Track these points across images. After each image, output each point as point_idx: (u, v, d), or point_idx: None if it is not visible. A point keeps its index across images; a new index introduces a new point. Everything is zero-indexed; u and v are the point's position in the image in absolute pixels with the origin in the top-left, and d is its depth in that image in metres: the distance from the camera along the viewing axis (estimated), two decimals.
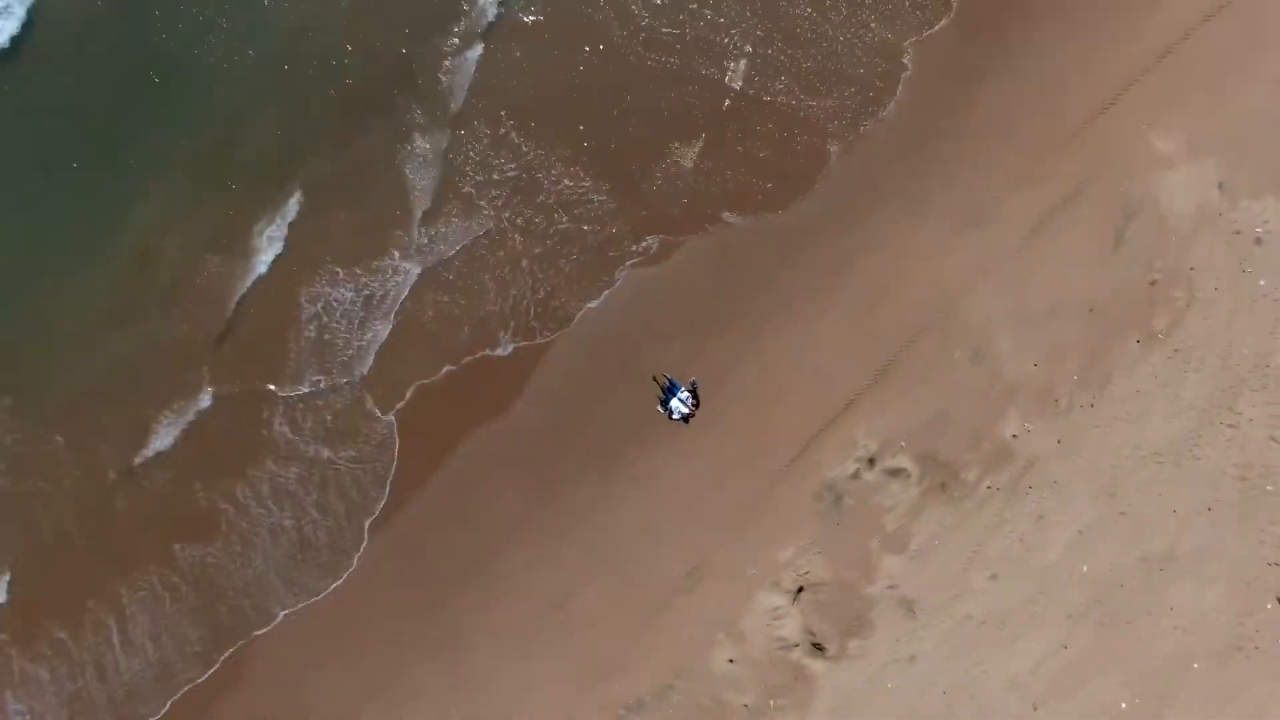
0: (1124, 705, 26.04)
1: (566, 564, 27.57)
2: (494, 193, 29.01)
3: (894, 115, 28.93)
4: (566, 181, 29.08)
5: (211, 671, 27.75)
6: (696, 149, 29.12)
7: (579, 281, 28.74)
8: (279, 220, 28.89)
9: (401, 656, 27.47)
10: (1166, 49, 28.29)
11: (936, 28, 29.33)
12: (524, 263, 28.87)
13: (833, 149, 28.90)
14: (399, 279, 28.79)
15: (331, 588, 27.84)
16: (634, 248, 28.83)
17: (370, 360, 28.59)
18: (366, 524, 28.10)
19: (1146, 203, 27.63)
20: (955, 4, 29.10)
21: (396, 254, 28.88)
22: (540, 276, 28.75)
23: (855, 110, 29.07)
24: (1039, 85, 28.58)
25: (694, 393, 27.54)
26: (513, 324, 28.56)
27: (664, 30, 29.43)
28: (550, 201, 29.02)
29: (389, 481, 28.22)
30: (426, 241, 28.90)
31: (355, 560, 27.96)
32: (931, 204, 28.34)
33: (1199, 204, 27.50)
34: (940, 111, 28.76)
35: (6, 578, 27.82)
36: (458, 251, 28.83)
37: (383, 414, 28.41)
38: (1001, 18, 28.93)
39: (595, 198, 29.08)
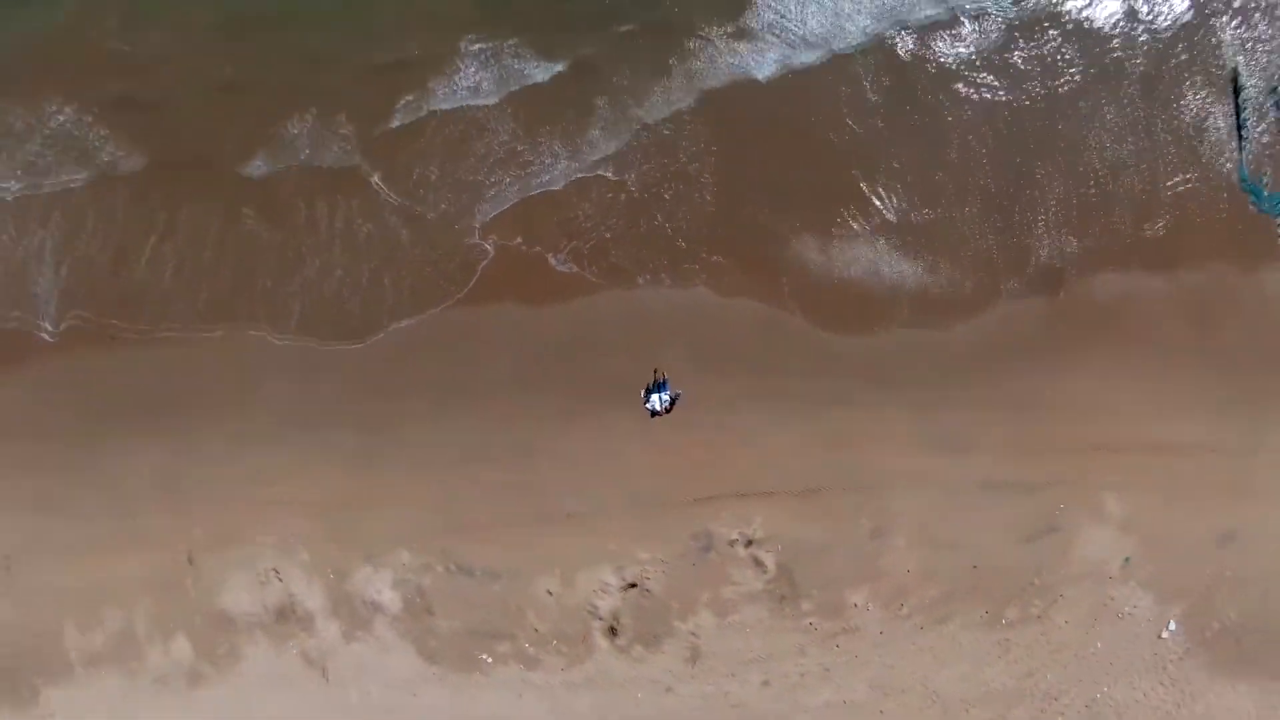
0: None
1: (493, 447, 31.72)
2: (645, 141, 31.60)
3: (961, 331, 31.71)
4: (695, 165, 31.55)
5: (195, 333, 31.44)
6: (804, 229, 31.44)
7: (642, 248, 31.57)
8: (517, 79, 31.64)
9: (339, 423, 31.62)
10: (1177, 448, 31.42)
11: (1032, 297, 31.62)
12: (622, 198, 31.53)
13: (901, 314, 31.56)
14: (549, 164, 31.73)
15: (334, 348, 31.32)
16: (703, 254, 31.44)
17: (489, 202, 31.54)
18: (396, 325, 31.27)
19: (1068, 531, 31.53)
20: (1062, 294, 31.53)
21: (562, 150, 31.80)
22: (615, 223, 31.53)
23: (938, 300, 31.49)
24: (1070, 396, 31.62)
25: (673, 400, 31.33)
26: (575, 244, 31.45)
27: (849, 118, 31.37)
28: (671, 170, 31.48)
29: (444, 307, 31.34)
30: (591, 162, 31.67)
31: (366, 343, 31.30)
32: (936, 415, 31.72)
33: (1101, 561, 31.48)
34: (991, 358, 31.69)
35: (145, 160, 31.34)
36: (596, 176, 31.70)
37: (481, 239, 31.20)
38: (1085, 334, 31.58)
39: (705, 196, 31.61)
